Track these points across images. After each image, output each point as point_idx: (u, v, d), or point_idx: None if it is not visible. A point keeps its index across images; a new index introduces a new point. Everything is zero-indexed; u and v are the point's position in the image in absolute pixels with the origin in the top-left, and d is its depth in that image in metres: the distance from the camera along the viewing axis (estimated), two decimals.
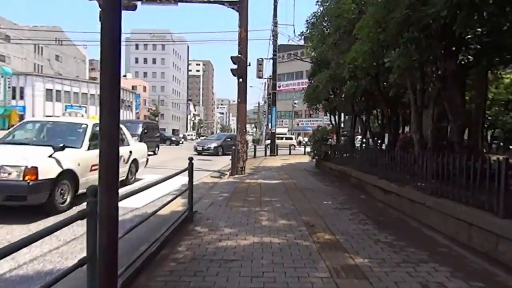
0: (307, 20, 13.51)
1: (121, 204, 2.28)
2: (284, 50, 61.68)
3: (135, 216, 5.60)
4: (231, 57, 11.00)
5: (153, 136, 21.94)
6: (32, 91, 51.46)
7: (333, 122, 14.40)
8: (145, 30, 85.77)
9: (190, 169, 5.35)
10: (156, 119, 69.95)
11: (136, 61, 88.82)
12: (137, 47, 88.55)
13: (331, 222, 5.35)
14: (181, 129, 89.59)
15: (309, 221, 5.38)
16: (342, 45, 8.72)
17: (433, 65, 6.37)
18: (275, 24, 23.27)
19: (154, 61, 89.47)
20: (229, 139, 22.98)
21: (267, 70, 30.83)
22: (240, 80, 11.26)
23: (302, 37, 13.62)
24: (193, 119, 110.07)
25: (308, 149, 31.73)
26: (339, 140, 14.34)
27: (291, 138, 41.63)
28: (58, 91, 53.44)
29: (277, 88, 37.67)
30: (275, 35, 23.22)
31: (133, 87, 68.51)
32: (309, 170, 13.97)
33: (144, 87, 75.51)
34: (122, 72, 79.95)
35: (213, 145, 22.61)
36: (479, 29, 5.17)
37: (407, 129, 11.13)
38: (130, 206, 6.06)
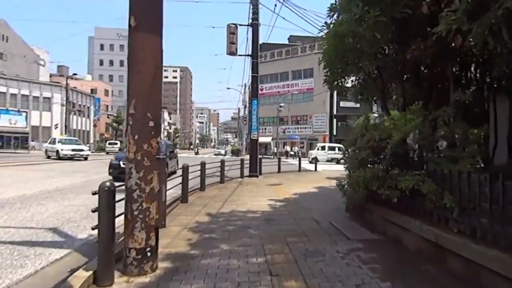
0: None
1: None
2: (267, 49, 53.87)
3: None
4: None
5: None
6: None
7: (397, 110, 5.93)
8: (110, 29, 76.35)
9: None
10: (120, 127, 60.45)
11: (101, 63, 78.90)
12: (101, 47, 78.91)
13: None
14: None
15: None
16: None
17: None
18: None
19: (121, 63, 79.66)
20: None
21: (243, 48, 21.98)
22: None
23: None
24: (167, 128, 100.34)
25: (305, 163, 23.24)
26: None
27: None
28: None
29: (260, 91, 29.25)
30: None
31: (92, 90, 58.75)
32: (350, 235, 5.33)
33: (106, 91, 65.71)
34: (82, 74, 70.22)
35: None
36: None
37: None
38: None
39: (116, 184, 3.57)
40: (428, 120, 4.49)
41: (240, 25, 15.43)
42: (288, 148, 45.96)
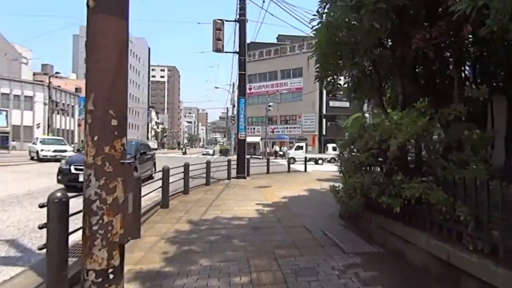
0: None
1: None
2: (255, 48, 53.31)
3: None
4: None
5: None
6: None
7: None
8: None
9: None
10: None
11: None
12: None
13: None
14: (142, 139, 78.09)
15: None
16: None
17: None
18: None
19: None
20: None
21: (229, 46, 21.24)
22: None
23: None
24: (155, 127, 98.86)
25: (296, 165, 22.50)
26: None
27: None
28: None
29: (248, 91, 28.52)
30: None
31: (77, 89, 57.21)
32: (346, 248, 4.84)
33: None
34: (67, 73, 68.61)
35: None
36: None
37: None
38: None
39: (71, 194, 2.98)
40: (436, 119, 3.98)
41: (227, 21, 14.86)
42: (277, 148, 45.54)
